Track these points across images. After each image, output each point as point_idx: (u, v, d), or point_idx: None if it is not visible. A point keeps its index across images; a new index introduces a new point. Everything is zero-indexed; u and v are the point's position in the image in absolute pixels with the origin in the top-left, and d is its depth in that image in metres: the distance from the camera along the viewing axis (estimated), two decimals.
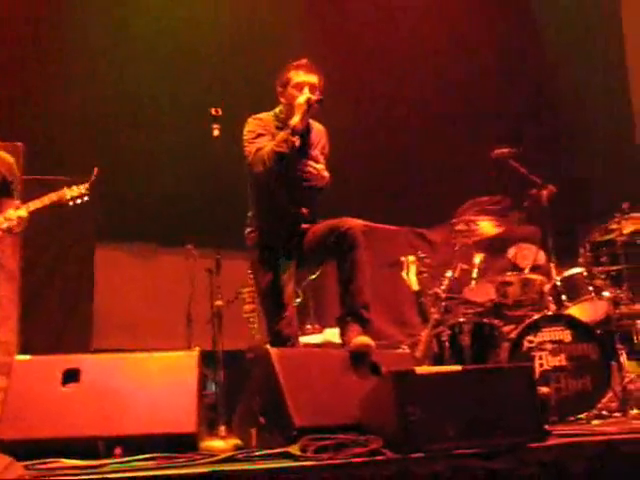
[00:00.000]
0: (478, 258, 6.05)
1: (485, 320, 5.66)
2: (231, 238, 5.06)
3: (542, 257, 6.22)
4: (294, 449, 3.26)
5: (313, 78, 4.47)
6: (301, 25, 7.89)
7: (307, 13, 8.01)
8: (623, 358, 5.70)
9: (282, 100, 4.54)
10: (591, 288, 5.73)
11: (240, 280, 6.23)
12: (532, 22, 9.13)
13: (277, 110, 4.61)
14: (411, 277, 5.88)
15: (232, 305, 5.66)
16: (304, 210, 4.61)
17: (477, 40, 8.62)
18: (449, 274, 5.78)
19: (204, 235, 5.16)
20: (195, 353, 3.79)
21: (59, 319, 6.54)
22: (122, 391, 3.55)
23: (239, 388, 4.43)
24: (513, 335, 5.35)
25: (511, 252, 6.27)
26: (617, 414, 5.26)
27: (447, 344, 5.51)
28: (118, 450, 3.29)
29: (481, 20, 8.67)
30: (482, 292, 5.88)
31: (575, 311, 5.62)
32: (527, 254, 6.21)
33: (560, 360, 5.29)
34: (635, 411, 5.25)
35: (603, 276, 5.80)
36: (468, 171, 7.67)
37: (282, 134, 4.33)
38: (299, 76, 4.45)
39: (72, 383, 3.55)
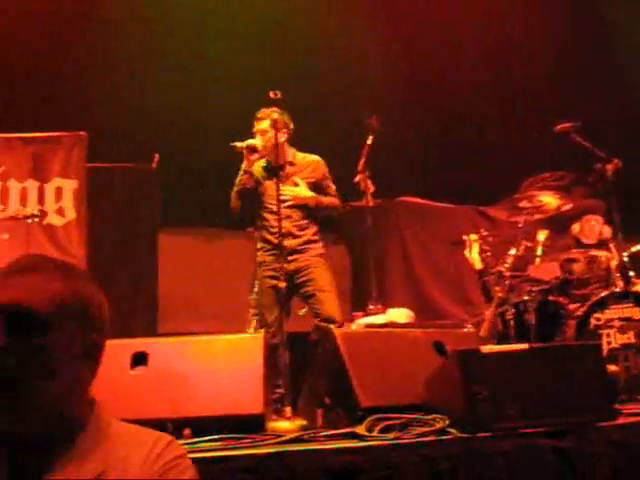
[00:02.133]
0: (542, 235, 5.96)
1: (550, 298, 5.59)
2: None
3: (607, 231, 6.09)
4: (360, 429, 3.27)
5: (263, 124, 5.20)
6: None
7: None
8: None
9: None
10: None
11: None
12: None
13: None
14: (474, 256, 5.84)
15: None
16: (289, 225, 5.15)
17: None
18: (513, 252, 5.71)
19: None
20: (261, 335, 3.83)
21: (125, 304, 6.65)
22: (189, 374, 3.59)
23: (304, 370, 4.46)
24: (579, 313, 5.27)
25: (575, 228, 6.16)
26: None
27: (512, 323, 5.45)
28: (187, 431, 3.34)
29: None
30: (547, 270, 5.80)
31: None
32: (592, 227, 6.10)
33: (629, 337, 5.18)
34: None
35: None
36: (530, 146, 7.56)
37: (239, 178, 5.26)
38: (257, 124, 5.26)
39: (140, 366, 3.61)
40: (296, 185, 5.28)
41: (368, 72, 7.69)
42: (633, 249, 5.68)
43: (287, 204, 5.09)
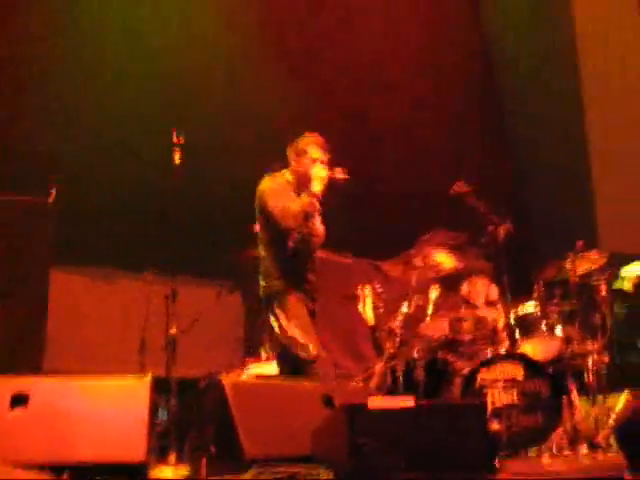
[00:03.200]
0: (434, 293, 6.10)
1: (439, 355, 5.69)
2: (189, 265, 5.07)
3: (495, 292, 6.27)
4: (245, 479, 3.24)
5: (326, 156, 5.05)
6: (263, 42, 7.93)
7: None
8: (574, 396, 5.76)
9: (294, 165, 5.09)
10: (544, 326, 5.79)
11: (196, 308, 6.21)
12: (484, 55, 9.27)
13: (286, 174, 5.13)
14: (367, 311, 5.91)
15: (187, 333, 5.62)
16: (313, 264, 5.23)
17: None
18: (404, 308, 5.82)
19: (162, 262, 5.16)
20: (147, 379, 3.75)
21: (11, 341, 6.42)
22: (71, 416, 3.50)
23: (192, 416, 4.40)
24: (466, 371, 5.38)
25: (464, 289, 6.32)
26: (567, 452, 5.30)
27: (401, 378, 5.52)
28: (65, 477, 3.24)
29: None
30: (436, 327, 5.92)
31: (528, 348, 5.66)
32: (480, 289, 6.27)
33: (512, 397, 5.31)
34: (584, 449, 5.29)
35: (556, 314, 5.88)
36: (426, 206, 7.74)
37: (307, 198, 4.92)
38: (317, 152, 5.03)
39: (20, 407, 3.49)
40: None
41: (280, 123, 7.75)
42: (520, 310, 5.85)
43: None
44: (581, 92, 9.51)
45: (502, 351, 5.51)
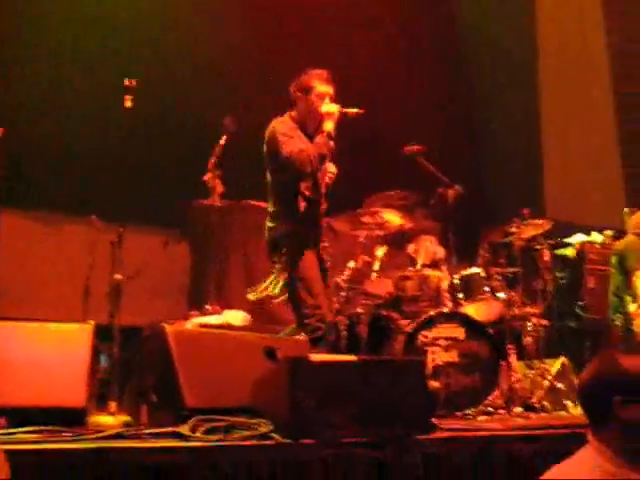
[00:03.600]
0: (381, 251, 6.13)
1: (383, 312, 5.74)
2: (136, 212, 5.00)
3: (441, 253, 6.33)
4: (184, 429, 3.26)
5: (332, 89, 4.85)
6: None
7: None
8: (512, 358, 5.88)
9: (300, 105, 4.85)
10: (487, 288, 5.88)
11: (142, 257, 6.16)
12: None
13: (292, 114, 4.90)
14: None
15: (132, 280, 5.58)
16: (324, 205, 5.08)
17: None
18: (351, 265, 5.85)
19: (109, 206, 5.08)
20: (89, 326, 3.73)
21: None
22: (11, 360, 3.47)
23: (134, 365, 4.39)
24: (409, 329, 5.44)
25: (411, 247, 6.36)
26: (502, 411, 5.43)
27: (345, 333, 5.56)
28: (1, 421, 3.21)
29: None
30: (382, 285, 5.96)
31: (470, 310, 5.75)
32: (427, 249, 6.32)
33: (452, 356, 5.40)
34: (519, 409, 5.43)
35: (499, 277, 5.97)
36: (377, 164, 7.75)
37: (322, 139, 4.71)
38: (322, 86, 4.80)
39: None
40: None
41: (228, 72, 7.66)
42: (464, 272, 5.93)
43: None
44: (537, 66, 9.62)
45: (445, 311, 5.58)
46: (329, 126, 4.74)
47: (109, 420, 3.63)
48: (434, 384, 4.67)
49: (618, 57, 10.29)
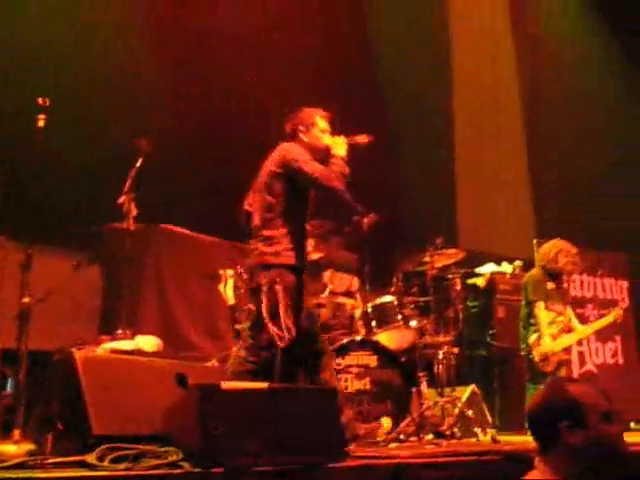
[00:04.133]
0: None
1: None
2: (47, 234, 4.89)
3: (356, 283, 6.40)
4: (90, 458, 3.18)
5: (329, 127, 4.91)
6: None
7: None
8: (423, 386, 5.96)
9: (303, 137, 4.82)
10: (400, 317, 5.95)
11: (52, 277, 6.01)
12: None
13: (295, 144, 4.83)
14: (228, 291, 5.89)
15: (42, 303, 5.44)
16: None
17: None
18: None
19: (19, 227, 4.96)
20: None
21: None
22: None
23: (41, 391, 4.27)
24: None
25: (326, 276, 6.41)
26: (413, 438, 5.48)
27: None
28: None
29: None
30: None
31: (383, 338, 5.81)
32: (342, 279, 6.37)
33: (364, 384, 5.44)
34: (429, 436, 5.49)
35: (412, 306, 6.05)
36: None
37: (338, 161, 4.69)
38: (323, 122, 4.88)
39: None
40: None
41: (142, 93, 7.59)
42: (377, 300, 5.99)
43: None
44: (452, 100, 9.86)
45: (357, 339, 5.62)
46: (342, 151, 4.78)
47: (12, 449, 3.52)
48: (346, 412, 4.69)
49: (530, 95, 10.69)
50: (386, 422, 5.47)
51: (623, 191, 10.91)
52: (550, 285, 6.52)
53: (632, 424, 7.91)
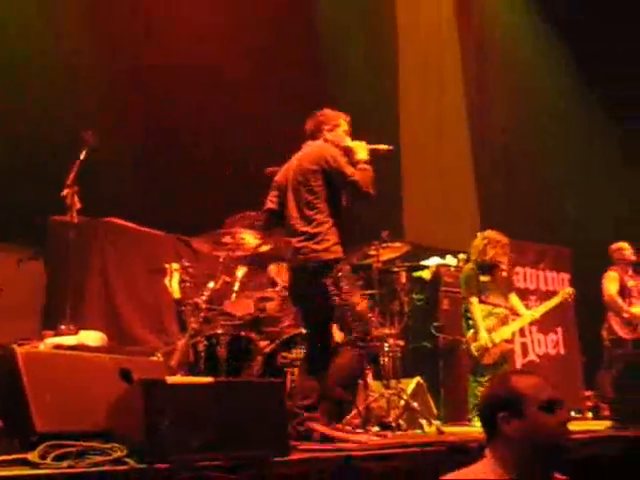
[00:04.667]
0: (241, 272, 6.13)
1: (242, 333, 5.72)
2: None
3: None
4: (32, 456, 3.13)
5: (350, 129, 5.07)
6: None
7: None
8: (369, 378, 6.00)
9: (328, 137, 4.92)
10: None
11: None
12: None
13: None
14: (173, 285, 5.86)
15: None
16: None
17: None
18: (211, 285, 5.80)
19: None
20: None
21: None
22: None
23: None
24: (268, 350, 5.46)
25: (272, 269, 6.40)
26: (359, 430, 5.51)
27: (203, 355, 5.51)
28: None
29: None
30: (242, 306, 5.96)
31: None
32: (286, 271, 6.37)
33: None
34: (375, 428, 5.52)
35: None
36: (240, 184, 7.75)
37: (363, 166, 4.77)
38: (345, 125, 5.02)
39: None
40: None
41: (87, 84, 7.48)
42: None
43: None
44: (398, 101, 9.91)
45: (304, 332, 5.62)
46: (364, 155, 4.87)
47: None
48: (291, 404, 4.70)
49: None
50: None
51: (567, 186, 11.14)
52: (484, 278, 6.60)
53: (572, 412, 8.07)
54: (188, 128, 8.02)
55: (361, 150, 4.88)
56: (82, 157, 5.52)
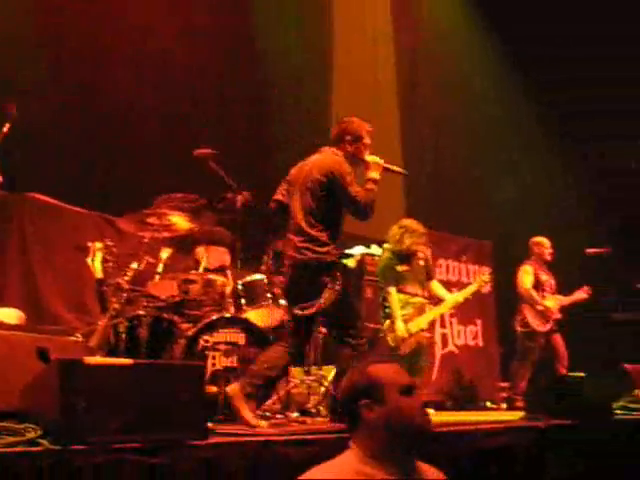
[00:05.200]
0: (165, 253, 6.06)
1: (165, 315, 5.66)
2: None
3: (227, 258, 6.38)
4: None
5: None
6: None
7: None
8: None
9: (347, 148, 5.09)
10: (269, 295, 5.97)
11: None
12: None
13: (339, 153, 5.08)
14: (96, 264, 5.76)
15: None
16: None
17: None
18: (134, 265, 5.72)
19: None
20: None
21: None
22: None
23: None
24: (190, 333, 5.42)
25: (199, 252, 6.36)
26: (279, 416, 5.53)
27: (124, 336, 5.43)
28: None
29: None
30: (165, 287, 5.89)
31: (252, 315, 5.82)
32: (214, 255, 6.34)
33: (232, 361, 5.44)
34: (295, 414, 5.55)
35: (282, 285, 6.08)
36: (167, 164, 7.67)
37: (371, 185, 4.99)
38: (368, 138, 5.17)
39: None
40: None
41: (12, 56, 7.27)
42: (248, 278, 5.99)
43: None
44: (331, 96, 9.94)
45: (227, 316, 5.61)
46: (376, 175, 5.05)
47: None
48: (212, 389, 4.69)
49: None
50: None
51: (492, 181, 11.34)
52: (401, 267, 6.65)
53: (488, 403, 8.24)
54: (115, 106, 7.88)
55: (375, 168, 5.07)
56: (5, 130, 5.39)
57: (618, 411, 6.02)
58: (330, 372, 6.37)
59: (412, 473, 2.68)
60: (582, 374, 5.96)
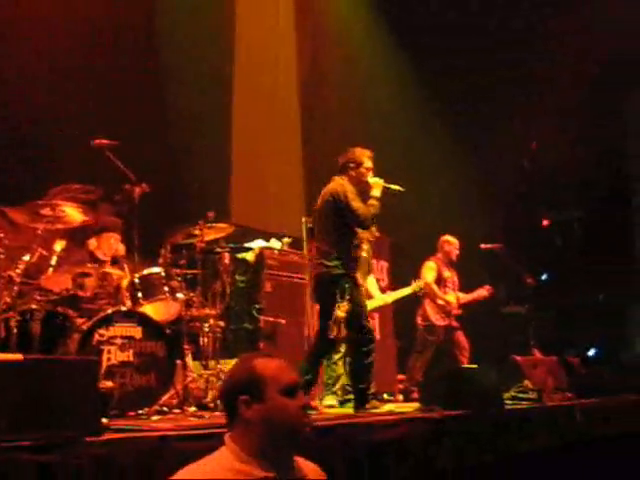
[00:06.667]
0: (59, 245, 5.89)
1: (58, 309, 5.52)
2: None
3: (122, 251, 6.27)
4: None
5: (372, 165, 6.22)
6: None
7: None
8: (188, 358, 5.97)
9: (351, 174, 6.11)
10: (167, 288, 5.91)
11: None
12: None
13: (344, 179, 6.08)
14: None
15: None
16: None
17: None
18: (27, 258, 5.54)
19: None
20: None
21: None
22: None
23: None
24: (84, 327, 5.31)
25: (93, 243, 6.24)
26: (177, 410, 5.48)
27: (15, 330, 5.25)
28: None
29: None
30: (59, 281, 5.73)
31: (148, 309, 5.74)
32: (108, 246, 6.23)
33: (128, 356, 5.36)
34: (193, 408, 5.51)
35: (180, 278, 6.03)
36: (62, 154, 7.47)
37: (374, 202, 6.02)
38: (369, 163, 6.16)
39: None
40: None
41: None
42: (145, 271, 5.91)
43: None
44: (233, 80, 9.88)
45: (123, 309, 5.52)
46: (378, 193, 6.05)
47: None
48: (107, 384, 4.60)
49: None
50: None
51: (396, 175, 11.45)
52: None
53: (385, 395, 8.37)
54: (9, 94, 7.63)
55: (377, 187, 6.05)
56: None
57: (508, 401, 6.23)
58: (229, 366, 6.34)
59: (290, 471, 2.64)
60: (475, 366, 6.13)
